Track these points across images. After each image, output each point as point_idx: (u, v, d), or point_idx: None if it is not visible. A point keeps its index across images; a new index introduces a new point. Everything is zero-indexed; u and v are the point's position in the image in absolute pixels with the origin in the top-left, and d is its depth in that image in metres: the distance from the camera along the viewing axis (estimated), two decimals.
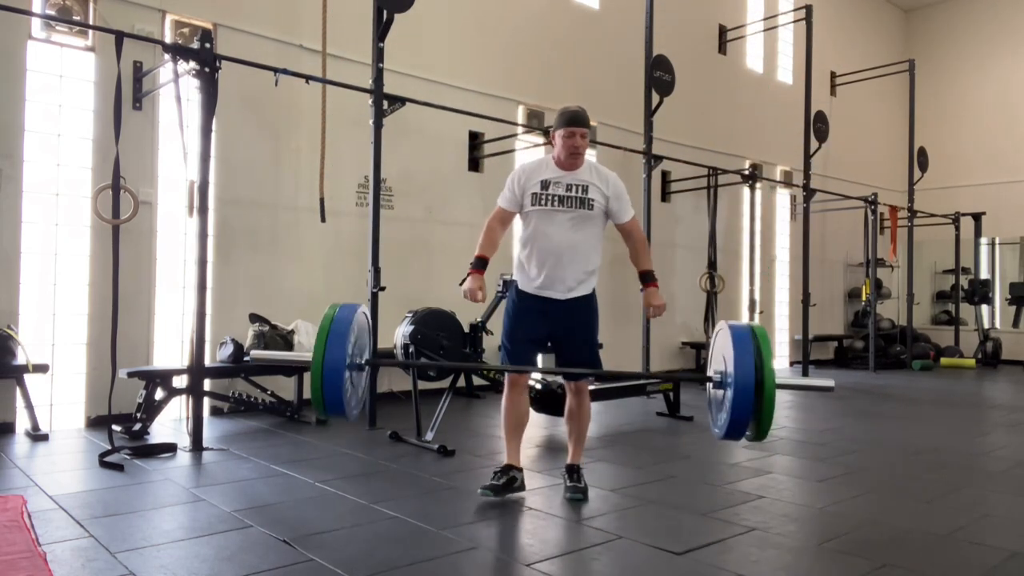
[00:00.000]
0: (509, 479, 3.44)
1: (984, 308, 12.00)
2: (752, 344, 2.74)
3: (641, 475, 4.06)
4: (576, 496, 3.45)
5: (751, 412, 2.69)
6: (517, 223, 3.74)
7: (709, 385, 2.98)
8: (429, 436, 4.63)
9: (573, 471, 3.54)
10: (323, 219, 5.75)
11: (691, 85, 9.13)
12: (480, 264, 3.59)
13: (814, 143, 9.58)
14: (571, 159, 3.48)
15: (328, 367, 2.79)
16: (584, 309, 3.49)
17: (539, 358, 3.78)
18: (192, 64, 4.54)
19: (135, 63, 5.36)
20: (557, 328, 3.48)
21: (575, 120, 3.45)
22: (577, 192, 3.47)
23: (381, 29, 5.34)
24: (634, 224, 3.62)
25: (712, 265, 8.61)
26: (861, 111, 12.64)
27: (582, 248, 3.46)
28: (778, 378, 2.77)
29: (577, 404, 3.55)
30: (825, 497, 3.55)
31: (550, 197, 3.46)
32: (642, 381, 5.91)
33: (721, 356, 2.93)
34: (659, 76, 7.52)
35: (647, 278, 3.52)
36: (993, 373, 10.49)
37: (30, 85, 5.04)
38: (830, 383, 2.92)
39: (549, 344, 3.56)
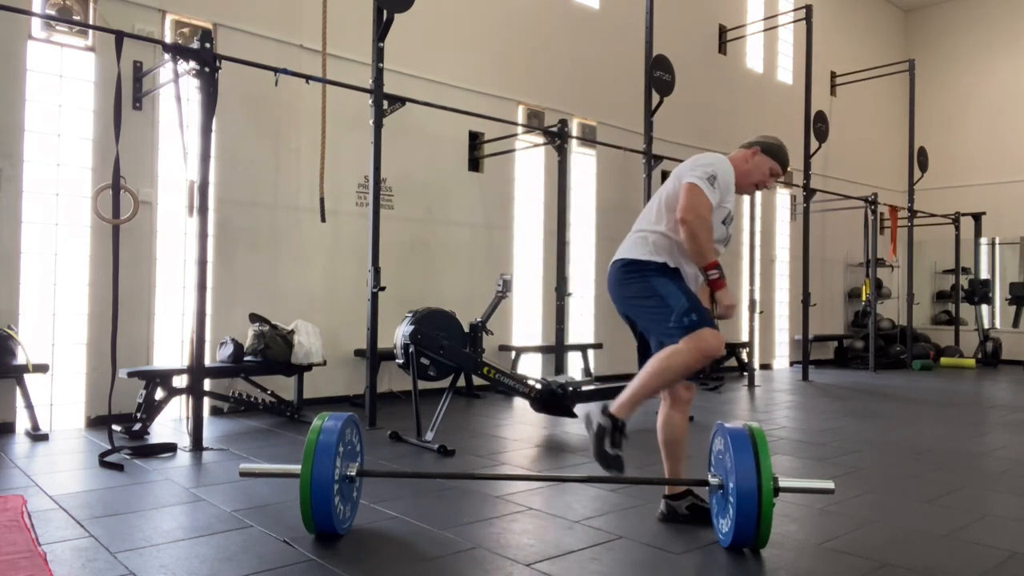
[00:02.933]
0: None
1: (984, 308, 12.00)
2: (752, 450, 2.68)
3: (641, 475, 4.06)
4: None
5: (755, 524, 2.65)
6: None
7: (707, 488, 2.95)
8: (429, 436, 4.63)
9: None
10: (323, 219, 5.75)
11: (691, 85, 9.14)
12: (723, 274, 2.97)
13: (814, 143, 9.59)
14: (754, 189, 3.23)
15: (316, 485, 2.73)
16: None
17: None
18: (192, 64, 4.54)
19: (135, 63, 5.36)
20: None
21: (786, 165, 3.22)
22: (730, 224, 3.15)
23: (381, 29, 5.34)
24: None
25: None
26: (861, 111, 12.64)
27: None
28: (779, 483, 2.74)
29: (683, 419, 3.23)
30: (825, 497, 3.55)
31: (730, 223, 3.10)
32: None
33: (718, 458, 2.91)
34: (659, 76, 7.52)
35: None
36: (993, 373, 10.49)
37: (30, 85, 5.04)
38: (830, 485, 2.84)
39: None
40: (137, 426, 4.81)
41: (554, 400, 5.10)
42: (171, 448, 4.36)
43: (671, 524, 3.13)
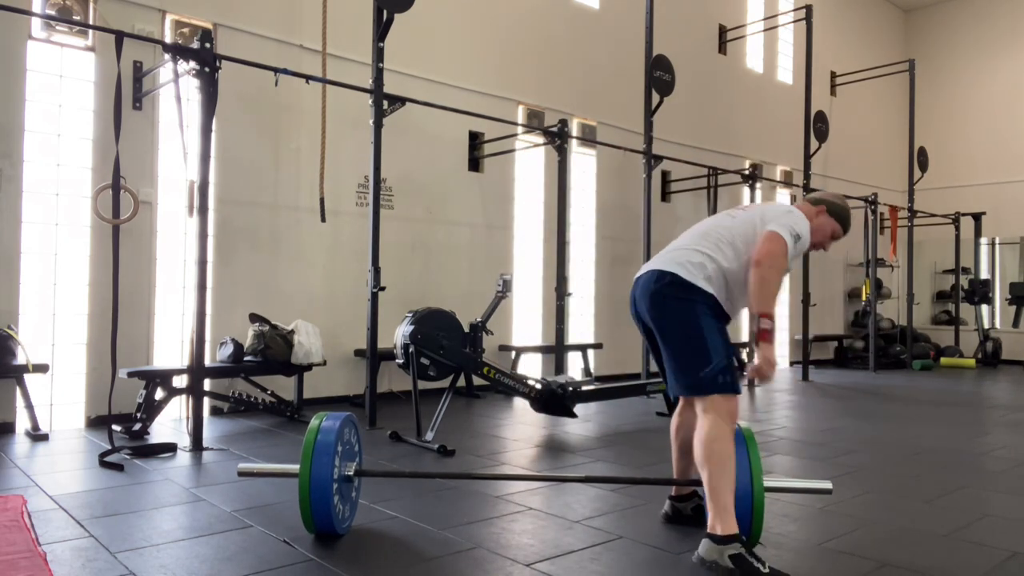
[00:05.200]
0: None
1: (984, 308, 12.00)
2: (745, 451, 2.71)
3: (641, 475, 4.06)
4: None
5: (748, 520, 2.67)
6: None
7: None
8: (429, 436, 4.63)
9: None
10: (323, 219, 5.76)
11: (691, 85, 9.14)
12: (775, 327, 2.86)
13: (814, 143, 9.58)
14: (814, 250, 3.17)
15: (315, 485, 2.74)
16: None
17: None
18: (192, 64, 4.54)
19: (135, 63, 5.36)
20: None
21: (848, 228, 3.23)
22: None
23: (381, 29, 5.34)
24: None
25: None
26: (861, 111, 12.64)
27: None
28: (772, 482, 2.77)
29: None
30: (825, 497, 3.55)
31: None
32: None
33: None
34: (659, 76, 7.52)
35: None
36: (993, 373, 10.49)
37: (30, 85, 5.04)
38: (828, 485, 2.83)
39: None
40: (137, 426, 4.81)
41: (554, 400, 5.10)
42: (171, 448, 4.36)
43: (672, 525, 3.13)
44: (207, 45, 4.53)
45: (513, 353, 7.57)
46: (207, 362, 4.66)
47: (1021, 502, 3.64)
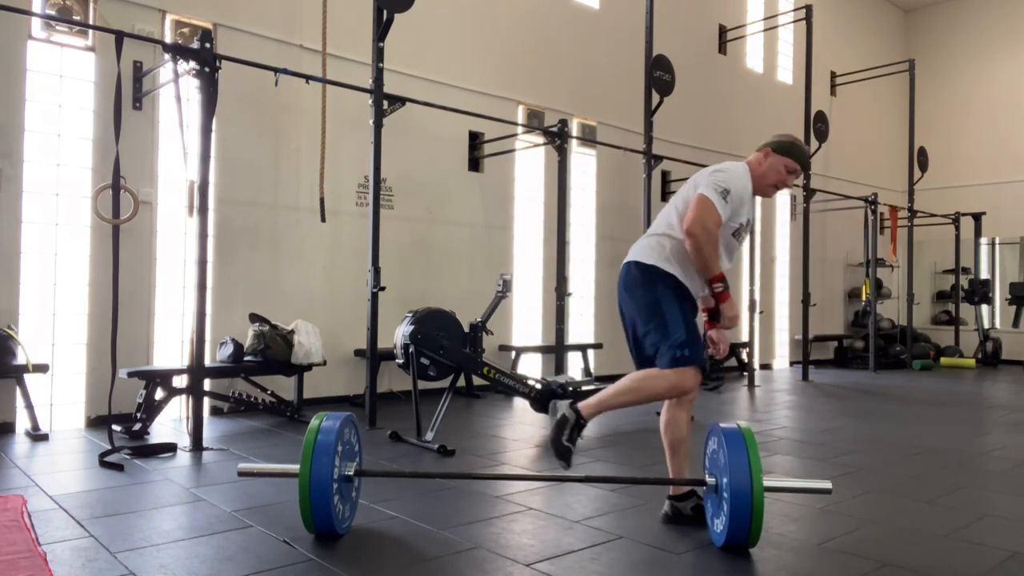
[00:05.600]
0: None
1: (984, 308, 12.00)
2: (745, 451, 2.71)
3: (641, 475, 4.06)
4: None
5: (748, 520, 2.67)
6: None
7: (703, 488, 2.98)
8: (429, 436, 4.63)
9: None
10: (323, 219, 5.75)
11: (691, 85, 9.13)
12: (727, 286, 2.99)
13: (814, 143, 9.58)
14: (771, 191, 3.18)
15: (315, 485, 2.74)
16: None
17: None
18: (192, 64, 4.54)
19: (135, 63, 5.36)
20: None
21: (807, 164, 3.20)
22: (747, 230, 3.15)
23: (381, 29, 5.34)
24: None
25: None
26: (861, 111, 12.64)
27: None
28: (772, 482, 2.77)
29: (687, 419, 3.18)
30: (825, 497, 3.55)
31: (742, 232, 3.10)
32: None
33: (712, 459, 2.95)
34: (659, 76, 7.52)
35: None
36: (993, 373, 10.49)
37: (30, 85, 5.04)
38: (827, 485, 2.85)
39: None
40: (137, 426, 4.81)
41: (554, 400, 5.09)
42: (171, 448, 4.36)
43: (672, 525, 3.12)
44: (207, 45, 4.53)
45: (513, 353, 7.57)
46: (207, 362, 4.66)
47: (1021, 502, 3.64)
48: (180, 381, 5.04)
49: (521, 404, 6.24)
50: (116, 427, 4.60)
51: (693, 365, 2.91)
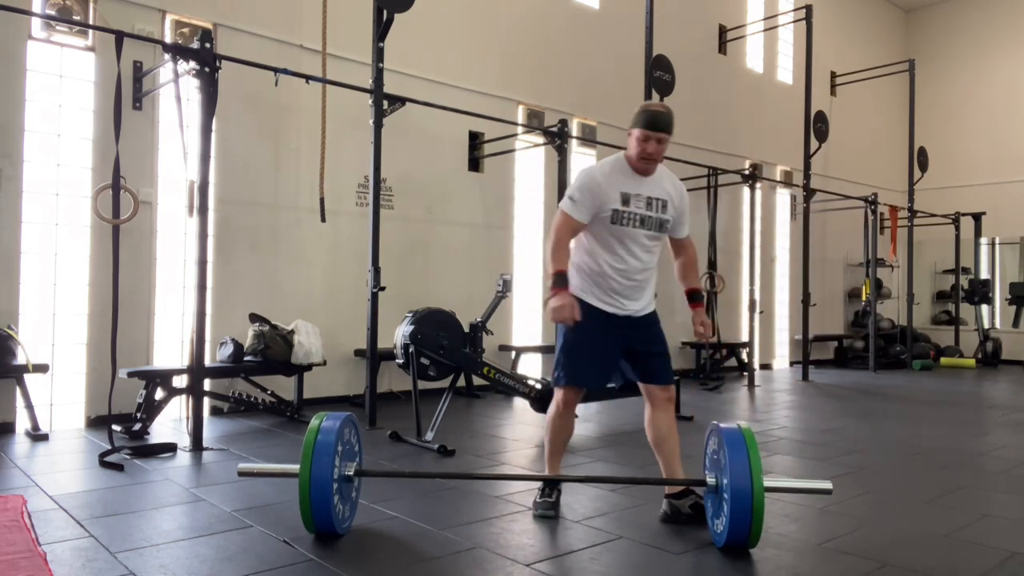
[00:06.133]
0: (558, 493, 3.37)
1: (984, 308, 12.00)
2: (745, 451, 2.72)
3: (641, 475, 4.06)
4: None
5: (749, 520, 2.68)
6: None
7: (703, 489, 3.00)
8: (429, 436, 4.63)
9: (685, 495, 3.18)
10: (323, 219, 5.75)
11: (691, 85, 9.12)
12: (564, 281, 3.00)
13: (814, 143, 9.58)
14: (643, 164, 3.07)
15: (315, 485, 2.74)
16: (656, 323, 3.27)
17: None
18: (192, 64, 4.54)
19: (135, 63, 5.36)
20: (635, 342, 3.19)
21: (654, 123, 2.99)
22: (658, 211, 3.13)
23: (381, 29, 5.34)
24: (689, 241, 3.39)
25: (712, 265, 8.62)
26: (861, 111, 12.64)
27: (653, 269, 3.24)
28: (772, 482, 2.79)
29: (667, 418, 3.25)
30: (825, 497, 3.55)
31: (632, 216, 3.07)
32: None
33: (712, 459, 2.96)
34: (659, 76, 7.52)
35: (696, 297, 3.34)
36: (993, 373, 10.49)
37: (30, 85, 5.04)
38: (827, 485, 2.86)
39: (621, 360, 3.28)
40: (137, 426, 4.81)
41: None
42: (171, 448, 4.36)
43: (672, 524, 3.12)
44: (207, 45, 4.53)
45: (513, 353, 7.57)
46: (207, 362, 4.66)
47: (1021, 502, 3.64)
48: (180, 381, 5.04)
49: (521, 404, 6.24)
50: (116, 427, 4.59)
51: (559, 386, 3.23)
